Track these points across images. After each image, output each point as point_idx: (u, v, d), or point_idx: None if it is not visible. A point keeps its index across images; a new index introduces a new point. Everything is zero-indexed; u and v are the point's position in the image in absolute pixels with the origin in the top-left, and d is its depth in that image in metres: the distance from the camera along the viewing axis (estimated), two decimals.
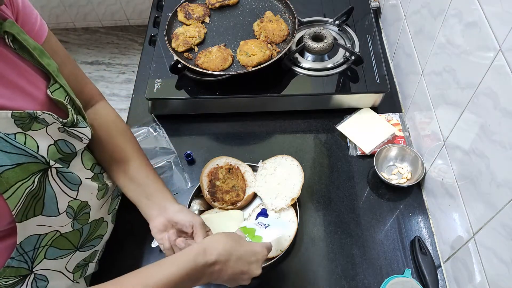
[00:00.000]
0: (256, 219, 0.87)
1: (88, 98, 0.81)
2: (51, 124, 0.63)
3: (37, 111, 0.60)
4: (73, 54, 2.48)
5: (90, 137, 0.72)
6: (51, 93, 0.65)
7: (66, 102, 0.67)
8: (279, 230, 0.78)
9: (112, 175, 0.79)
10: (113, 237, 0.85)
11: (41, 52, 0.65)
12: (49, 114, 0.62)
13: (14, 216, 0.56)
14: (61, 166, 0.64)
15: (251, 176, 0.93)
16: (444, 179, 0.83)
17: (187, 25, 1.09)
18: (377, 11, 1.30)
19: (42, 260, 0.65)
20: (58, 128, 0.65)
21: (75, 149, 0.70)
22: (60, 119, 0.64)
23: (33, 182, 0.58)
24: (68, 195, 0.67)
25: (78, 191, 0.69)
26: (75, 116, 0.67)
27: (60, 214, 0.65)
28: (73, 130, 0.68)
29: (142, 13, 2.50)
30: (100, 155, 0.79)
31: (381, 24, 1.29)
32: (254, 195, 0.93)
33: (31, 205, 0.59)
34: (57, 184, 0.64)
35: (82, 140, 0.71)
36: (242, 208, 0.92)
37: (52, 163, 0.62)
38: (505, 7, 0.58)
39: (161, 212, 0.75)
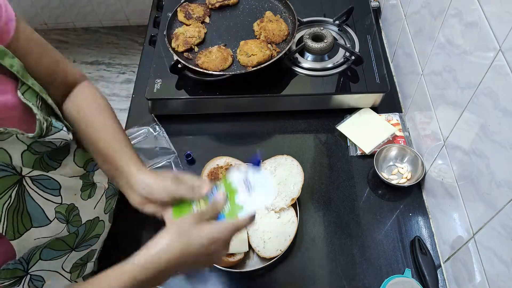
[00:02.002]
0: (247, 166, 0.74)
1: (73, 81, 0.75)
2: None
3: (1, 128, 0.55)
4: (73, 54, 2.48)
5: (68, 138, 0.67)
6: (22, 94, 0.60)
7: (38, 104, 0.62)
8: (263, 199, 0.67)
9: (93, 155, 0.73)
10: (112, 236, 0.85)
11: (2, 53, 0.58)
12: (15, 130, 0.57)
13: (3, 234, 0.55)
14: (38, 174, 0.61)
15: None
16: (444, 179, 0.83)
17: (187, 25, 1.09)
18: (377, 11, 1.30)
19: (38, 261, 0.65)
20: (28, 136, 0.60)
21: (56, 145, 0.65)
22: (26, 135, 0.58)
23: (10, 196, 0.56)
24: (52, 201, 0.65)
25: (61, 195, 0.67)
26: (44, 126, 0.61)
27: (51, 221, 0.64)
28: (43, 140, 0.62)
29: (142, 13, 2.50)
30: (79, 136, 0.73)
31: (381, 24, 1.29)
32: None
33: (17, 219, 0.57)
34: (37, 194, 0.61)
35: (61, 142, 0.66)
36: None
37: (25, 171, 0.59)
38: (505, 7, 0.58)
39: (133, 186, 0.67)
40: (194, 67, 0.98)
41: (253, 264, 0.85)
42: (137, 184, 0.66)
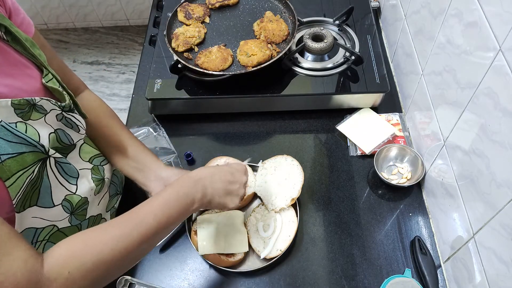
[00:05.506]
0: None
1: (75, 88, 0.83)
2: (49, 112, 0.64)
3: (36, 98, 0.61)
4: (73, 54, 2.48)
5: (85, 127, 0.74)
6: (46, 82, 0.66)
7: (61, 89, 0.68)
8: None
9: (107, 156, 0.82)
10: None
11: (32, 44, 0.66)
12: (47, 99, 0.63)
13: (14, 205, 0.56)
14: (60, 156, 0.65)
15: (251, 176, 0.93)
16: (444, 179, 0.83)
17: (187, 25, 1.09)
18: (377, 11, 1.30)
19: None
20: (56, 115, 0.66)
21: (73, 141, 0.71)
22: (58, 103, 0.66)
23: (33, 171, 0.58)
24: (65, 187, 0.67)
25: (77, 185, 0.69)
26: (71, 101, 0.70)
27: (54, 206, 0.65)
28: (71, 115, 0.69)
29: (142, 13, 2.50)
30: (93, 138, 0.81)
31: (381, 24, 1.29)
32: (254, 195, 0.93)
33: (29, 195, 0.59)
34: (54, 175, 0.64)
35: (79, 130, 0.72)
36: (242, 208, 0.92)
37: (51, 152, 0.63)
38: (505, 7, 0.58)
39: (157, 178, 0.80)
40: (194, 67, 0.98)
41: (253, 264, 0.85)
42: (166, 178, 0.79)
